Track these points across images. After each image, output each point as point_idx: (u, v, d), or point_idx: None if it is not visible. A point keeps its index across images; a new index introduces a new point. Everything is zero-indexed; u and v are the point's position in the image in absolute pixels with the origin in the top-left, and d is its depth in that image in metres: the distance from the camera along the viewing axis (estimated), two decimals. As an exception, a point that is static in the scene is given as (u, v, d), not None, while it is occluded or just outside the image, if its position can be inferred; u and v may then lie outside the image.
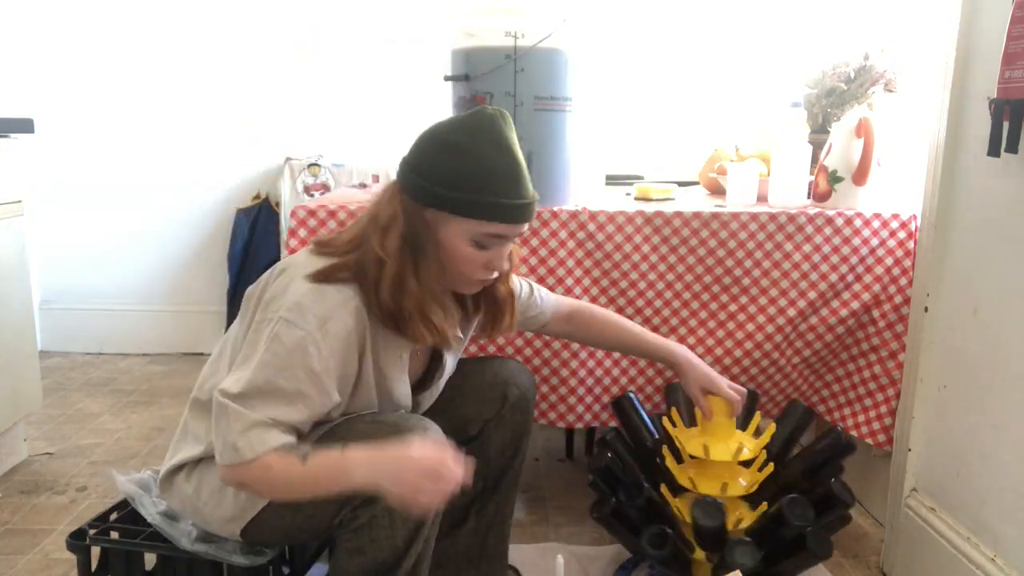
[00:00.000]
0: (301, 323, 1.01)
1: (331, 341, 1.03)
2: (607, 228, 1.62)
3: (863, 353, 1.71)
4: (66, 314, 3.13)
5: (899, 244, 1.66)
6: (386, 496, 0.99)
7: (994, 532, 1.31)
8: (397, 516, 1.01)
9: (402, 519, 1.01)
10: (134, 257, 3.12)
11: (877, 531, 1.76)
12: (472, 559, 1.39)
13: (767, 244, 1.65)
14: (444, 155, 1.07)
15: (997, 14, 1.23)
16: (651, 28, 2.82)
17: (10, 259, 1.96)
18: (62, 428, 2.34)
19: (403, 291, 1.06)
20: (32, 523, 1.77)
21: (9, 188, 1.94)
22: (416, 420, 1.11)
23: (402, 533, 1.02)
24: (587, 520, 1.48)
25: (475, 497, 1.36)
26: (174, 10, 2.94)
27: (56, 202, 3.07)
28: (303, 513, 1.06)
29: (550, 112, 1.59)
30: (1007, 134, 1.18)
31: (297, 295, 1.03)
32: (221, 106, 3.00)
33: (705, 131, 2.67)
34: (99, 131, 3.02)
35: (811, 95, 2.02)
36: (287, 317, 1.02)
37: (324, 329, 1.02)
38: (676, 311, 1.68)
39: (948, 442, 1.44)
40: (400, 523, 1.01)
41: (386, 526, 1.01)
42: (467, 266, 1.11)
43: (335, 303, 1.04)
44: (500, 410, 1.33)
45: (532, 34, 1.52)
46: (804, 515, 1.30)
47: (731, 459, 1.40)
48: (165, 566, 1.18)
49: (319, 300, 1.03)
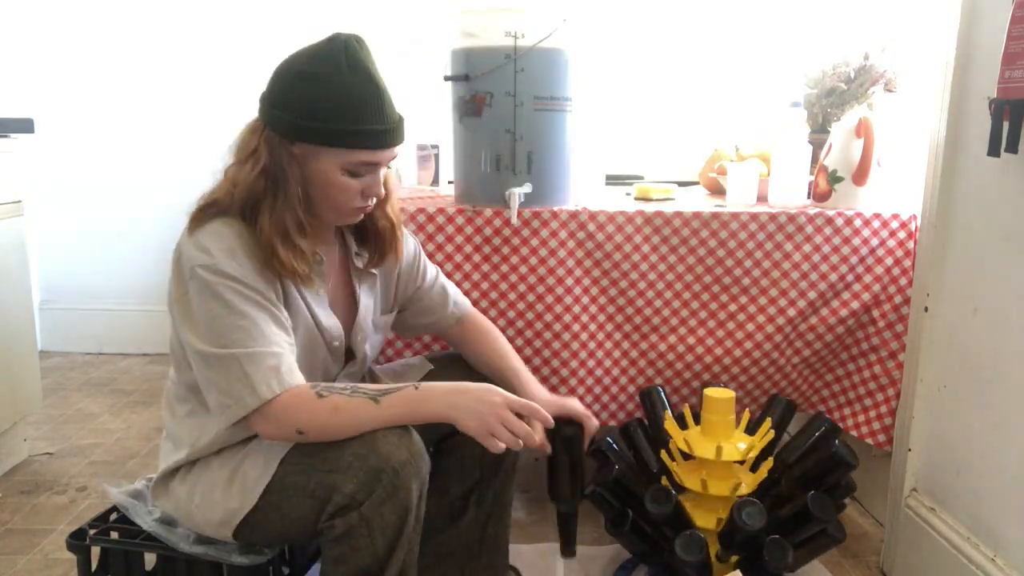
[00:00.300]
0: (211, 261, 1.03)
1: (247, 264, 1.05)
2: (607, 228, 1.62)
3: (863, 353, 1.71)
4: (66, 314, 3.13)
5: (899, 244, 1.66)
6: (460, 427, 1.04)
7: (994, 532, 1.31)
8: (375, 524, 1.00)
9: (380, 527, 1.00)
10: (135, 257, 3.11)
11: (877, 531, 1.76)
12: (473, 552, 1.38)
13: (767, 244, 1.65)
14: (304, 86, 1.06)
15: (997, 14, 1.23)
16: (651, 28, 2.82)
17: (10, 259, 1.96)
18: (62, 428, 2.34)
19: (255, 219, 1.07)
20: (32, 523, 1.77)
21: (9, 188, 1.94)
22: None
23: (381, 541, 1.01)
24: (587, 520, 1.48)
25: (474, 485, 1.35)
26: (174, 10, 2.94)
27: (56, 202, 3.07)
28: (288, 517, 1.05)
29: (550, 112, 1.59)
30: (1007, 134, 1.17)
31: (191, 248, 1.05)
32: (221, 106, 3.00)
33: (705, 131, 2.66)
34: (99, 131, 3.02)
35: (811, 95, 2.02)
36: (196, 265, 1.03)
37: (236, 258, 1.04)
38: (676, 311, 1.68)
39: (948, 442, 1.44)
40: (379, 531, 1.00)
41: (364, 535, 1.00)
42: (343, 195, 1.11)
43: (229, 233, 1.05)
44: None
45: (532, 34, 1.52)
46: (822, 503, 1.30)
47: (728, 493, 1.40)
48: (165, 566, 1.18)
49: (214, 237, 1.05)
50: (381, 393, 1.04)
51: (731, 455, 1.39)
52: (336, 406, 1.02)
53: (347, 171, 1.09)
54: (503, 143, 1.57)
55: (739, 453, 1.39)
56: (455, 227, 1.61)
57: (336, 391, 1.03)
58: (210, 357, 1.02)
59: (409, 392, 1.05)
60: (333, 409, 1.02)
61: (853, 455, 1.37)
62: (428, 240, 1.60)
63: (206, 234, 1.06)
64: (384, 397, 1.04)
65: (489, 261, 1.62)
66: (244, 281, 1.04)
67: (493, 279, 1.63)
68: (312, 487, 1.03)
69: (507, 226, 1.60)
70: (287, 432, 1.03)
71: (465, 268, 1.62)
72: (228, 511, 1.08)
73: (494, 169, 1.59)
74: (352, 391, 1.04)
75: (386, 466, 1.00)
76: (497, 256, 1.62)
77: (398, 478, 1.00)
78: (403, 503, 1.01)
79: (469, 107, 1.58)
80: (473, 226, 1.61)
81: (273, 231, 1.07)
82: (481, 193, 1.62)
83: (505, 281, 1.62)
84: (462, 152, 1.65)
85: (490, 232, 1.61)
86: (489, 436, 1.04)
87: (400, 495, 1.01)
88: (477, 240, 1.61)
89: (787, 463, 1.47)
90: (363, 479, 1.00)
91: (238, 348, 1.01)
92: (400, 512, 1.01)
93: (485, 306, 1.63)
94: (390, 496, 1.00)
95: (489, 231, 1.61)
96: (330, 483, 1.01)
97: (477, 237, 1.61)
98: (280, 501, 1.05)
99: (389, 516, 1.00)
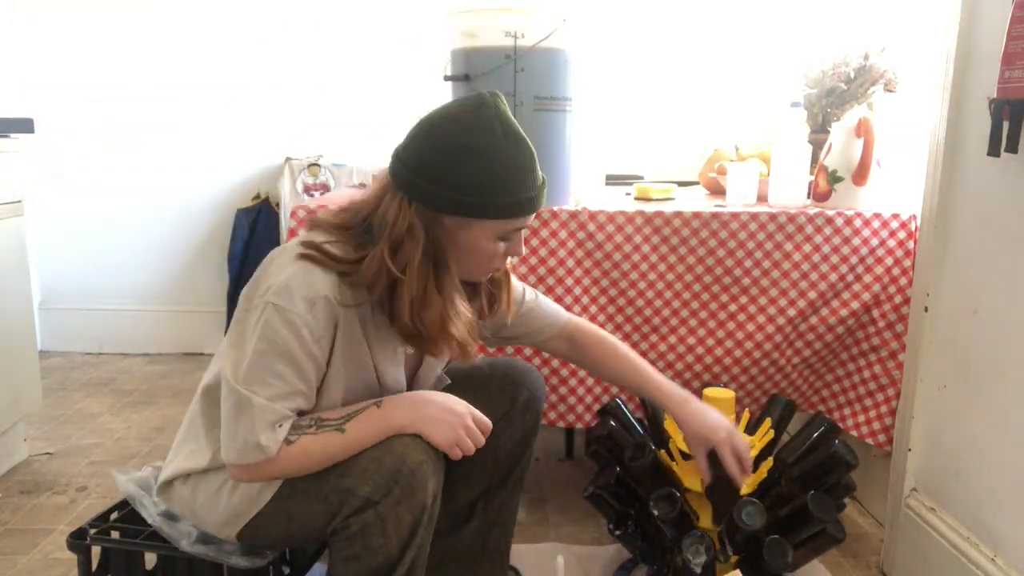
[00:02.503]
0: (289, 306, 1.00)
1: (321, 320, 1.02)
2: (607, 228, 1.62)
3: (863, 353, 1.71)
4: (66, 314, 3.13)
5: (899, 244, 1.66)
6: (425, 438, 1.04)
7: (994, 532, 1.31)
8: (390, 523, 1.00)
9: (395, 526, 1.01)
10: (134, 257, 3.12)
11: (877, 531, 1.76)
12: (474, 557, 1.39)
13: (767, 244, 1.65)
14: (459, 159, 1.02)
15: (997, 14, 1.23)
16: (651, 28, 2.83)
17: (10, 259, 1.96)
18: (62, 428, 2.34)
19: (427, 306, 1.04)
20: (32, 523, 1.77)
21: (9, 188, 1.94)
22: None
23: (395, 540, 1.01)
24: (587, 520, 1.48)
25: (482, 494, 1.35)
26: (174, 10, 2.94)
27: (56, 202, 3.07)
28: (297, 521, 1.05)
29: (550, 112, 1.59)
30: (1007, 134, 1.18)
31: (284, 276, 1.02)
32: (221, 106, 3.00)
33: (705, 131, 2.67)
34: (99, 131, 3.02)
35: (811, 95, 2.02)
36: (274, 301, 1.00)
37: (313, 311, 1.01)
38: (676, 311, 1.68)
39: (948, 442, 1.44)
40: (393, 530, 1.01)
41: (379, 533, 1.00)
42: (491, 260, 1.11)
43: (323, 284, 1.02)
44: (510, 410, 1.32)
45: (532, 34, 1.52)
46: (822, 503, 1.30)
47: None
48: (165, 566, 1.18)
49: (306, 282, 1.01)
50: (346, 419, 1.04)
51: None
52: (304, 449, 1.02)
53: (500, 238, 1.08)
54: (503, 143, 1.57)
55: None
56: (455, 227, 1.61)
57: (302, 429, 1.03)
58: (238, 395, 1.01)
59: (372, 412, 1.05)
60: (302, 452, 1.02)
61: (853, 455, 1.37)
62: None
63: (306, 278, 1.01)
64: (349, 423, 1.03)
65: (489, 261, 1.62)
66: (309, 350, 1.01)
67: (493, 279, 1.63)
68: (325, 492, 1.03)
69: (507, 226, 1.60)
70: (261, 481, 1.05)
71: (465, 268, 1.62)
72: (233, 513, 1.08)
73: (494, 169, 1.59)
74: (317, 425, 1.03)
75: (403, 466, 1.00)
76: (497, 256, 1.62)
77: (415, 478, 1.01)
78: (420, 502, 1.02)
79: (469, 107, 1.58)
80: (473, 226, 1.61)
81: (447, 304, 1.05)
82: (481, 193, 1.62)
83: (505, 281, 1.62)
84: (462, 152, 1.65)
85: (490, 232, 1.61)
86: (454, 447, 1.06)
87: (417, 495, 1.01)
88: (477, 240, 1.61)
89: (787, 463, 1.47)
90: (379, 481, 1.00)
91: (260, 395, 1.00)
92: (416, 511, 1.02)
93: (485, 306, 1.63)
94: (407, 496, 1.00)
95: (489, 231, 1.61)
96: (344, 487, 1.01)
97: (477, 237, 1.61)
98: (289, 506, 1.05)
99: (405, 515, 1.01)
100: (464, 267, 1.10)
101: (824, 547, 1.38)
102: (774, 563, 1.28)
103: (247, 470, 1.02)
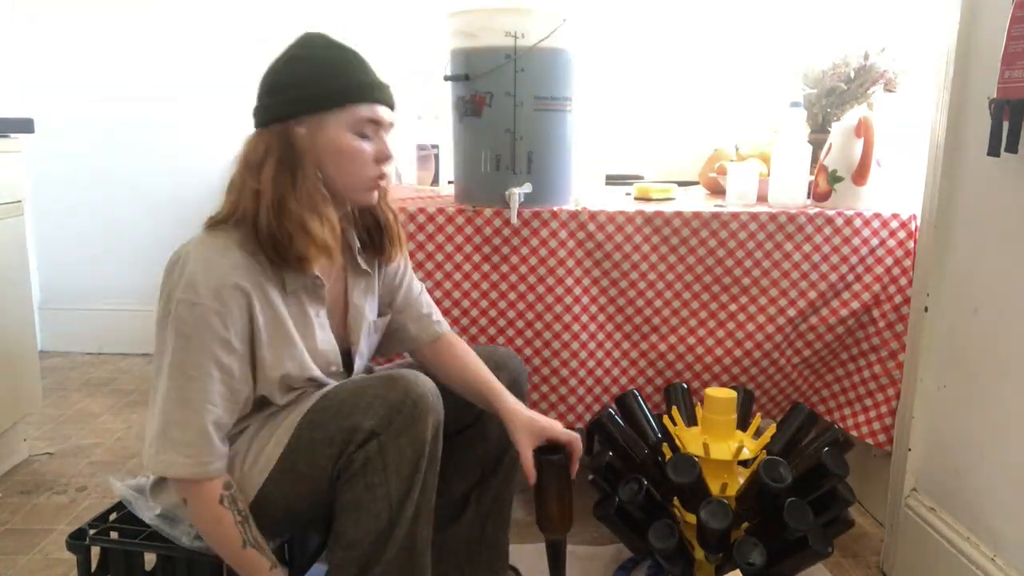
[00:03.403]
0: (196, 299, 1.02)
1: (232, 306, 1.03)
2: (607, 228, 1.62)
3: (863, 353, 1.71)
4: (66, 314, 3.13)
5: (899, 244, 1.66)
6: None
7: (994, 532, 1.31)
8: (391, 457, 1.02)
9: (396, 461, 1.02)
10: (134, 257, 3.11)
11: (877, 531, 1.76)
12: (472, 550, 1.38)
13: (767, 244, 1.65)
14: (290, 67, 1.11)
15: (997, 14, 1.23)
16: (651, 28, 2.82)
17: (10, 259, 1.96)
18: (62, 428, 2.33)
19: (284, 211, 1.06)
20: (32, 523, 1.77)
21: (9, 188, 1.94)
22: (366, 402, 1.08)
23: (396, 480, 1.03)
24: (587, 520, 1.48)
25: (475, 484, 1.36)
26: (174, 10, 2.94)
27: (56, 202, 3.07)
28: (304, 479, 1.06)
29: (550, 112, 1.59)
30: (1007, 134, 1.17)
31: (187, 273, 1.03)
32: (221, 106, 3.00)
33: (705, 131, 2.67)
34: (99, 131, 3.02)
35: (811, 95, 2.02)
36: (181, 297, 1.02)
37: (220, 298, 1.02)
38: (676, 311, 1.68)
39: (948, 442, 1.44)
40: (394, 467, 1.03)
41: (380, 469, 1.02)
42: (358, 160, 1.11)
43: (224, 269, 1.04)
44: None
45: (532, 34, 1.52)
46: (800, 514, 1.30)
47: (731, 458, 1.40)
48: (165, 566, 1.18)
49: (208, 271, 1.03)
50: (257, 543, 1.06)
51: (721, 454, 1.39)
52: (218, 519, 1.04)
53: (356, 132, 1.10)
54: (503, 143, 1.57)
55: (729, 453, 1.39)
56: (455, 227, 1.61)
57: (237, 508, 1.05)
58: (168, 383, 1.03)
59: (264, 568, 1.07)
60: (215, 520, 1.04)
61: (841, 464, 1.36)
62: (428, 240, 1.61)
63: (202, 262, 1.04)
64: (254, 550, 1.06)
65: (489, 261, 1.62)
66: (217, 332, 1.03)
67: (493, 279, 1.63)
68: (331, 434, 1.04)
69: (507, 226, 1.60)
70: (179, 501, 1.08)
71: (465, 268, 1.62)
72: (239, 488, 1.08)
73: (494, 169, 1.59)
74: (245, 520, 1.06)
75: (406, 398, 1.03)
76: (497, 256, 1.62)
77: (416, 409, 1.03)
78: (420, 437, 1.03)
79: (469, 107, 1.58)
80: (473, 226, 1.61)
81: (304, 207, 1.07)
82: (481, 193, 1.62)
83: (505, 281, 1.62)
84: (462, 152, 1.66)
85: (490, 232, 1.61)
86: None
87: (417, 427, 1.03)
88: (477, 240, 1.61)
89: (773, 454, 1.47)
90: (383, 412, 1.02)
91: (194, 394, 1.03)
92: (417, 446, 1.03)
93: (485, 306, 1.63)
94: (408, 426, 1.02)
95: (489, 231, 1.61)
96: (350, 425, 1.03)
97: (477, 237, 1.61)
98: (296, 462, 1.06)
99: (406, 448, 1.03)
100: (337, 177, 1.12)
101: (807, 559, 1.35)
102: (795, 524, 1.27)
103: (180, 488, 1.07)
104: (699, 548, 1.38)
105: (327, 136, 1.10)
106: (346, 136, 1.10)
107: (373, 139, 1.13)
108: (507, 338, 1.64)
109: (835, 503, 1.39)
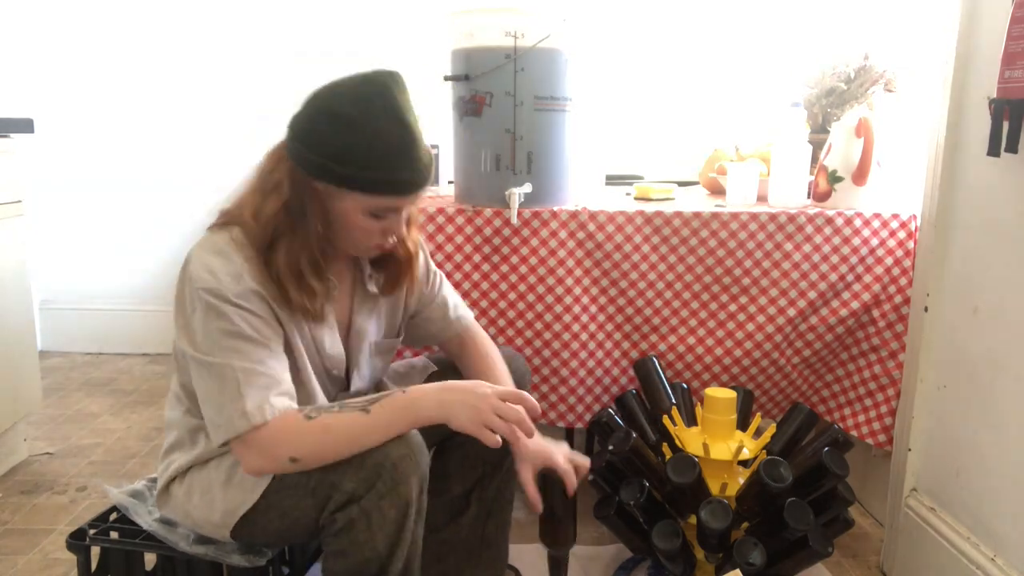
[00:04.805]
0: (216, 285, 1.02)
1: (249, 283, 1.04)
2: (607, 228, 1.62)
3: (863, 353, 1.71)
4: (66, 314, 3.13)
5: (899, 244, 1.66)
6: (454, 425, 1.04)
7: (994, 532, 1.31)
8: (374, 519, 1.00)
9: (379, 522, 1.00)
10: (134, 257, 3.11)
11: (877, 531, 1.76)
12: (472, 549, 1.38)
13: (767, 244, 1.65)
14: (334, 128, 1.03)
15: (997, 14, 1.23)
16: (651, 28, 2.82)
17: (10, 259, 1.96)
18: (62, 428, 2.34)
19: (274, 251, 1.06)
20: (32, 523, 1.77)
21: (9, 188, 1.94)
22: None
23: (381, 536, 1.01)
24: (587, 520, 1.48)
25: (475, 483, 1.35)
26: (174, 10, 2.94)
27: (56, 202, 3.07)
28: (289, 516, 1.05)
29: (550, 112, 1.59)
30: (1007, 134, 1.18)
31: (199, 268, 1.03)
32: (221, 106, 3.00)
33: (705, 131, 2.67)
34: (99, 131, 3.02)
35: (811, 95, 2.02)
36: (201, 288, 1.02)
37: (239, 279, 1.03)
38: (676, 311, 1.68)
39: (948, 442, 1.44)
40: (378, 525, 1.00)
41: (364, 529, 1.00)
42: (363, 235, 1.11)
43: (239, 257, 1.05)
44: None
45: (532, 34, 1.52)
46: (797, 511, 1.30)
47: (731, 458, 1.40)
48: (165, 566, 1.18)
49: (222, 260, 1.04)
50: (370, 402, 1.04)
51: (720, 454, 1.39)
52: (326, 426, 1.01)
53: (370, 214, 1.08)
54: (503, 143, 1.57)
55: (729, 453, 1.39)
56: (455, 227, 1.61)
57: (325, 410, 1.03)
58: (210, 367, 1.02)
59: (398, 397, 1.05)
60: (323, 429, 1.01)
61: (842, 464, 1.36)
62: (428, 240, 1.60)
63: (216, 254, 1.05)
64: (374, 406, 1.03)
65: (489, 261, 1.62)
66: (247, 308, 1.03)
67: (493, 279, 1.63)
68: (312, 485, 1.03)
69: (507, 226, 1.60)
70: (278, 462, 1.02)
71: (465, 268, 1.62)
72: (226, 511, 1.08)
73: (494, 169, 1.59)
74: (340, 406, 1.04)
75: (385, 461, 1.00)
76: (497, 256, 1.62)
77: (397, 472, 1.00)
78: (403, 497, 1.01)
79: (469, 107, 1.58)
80: (473, 226, 1.61)
81: (287, 271, 1.06)
82: (481, 193, 1.62)
83: (505, 281, 1.62)
84: (462, 152, 1.65)
85: (490, 232, 1.61)
86: (484, 429, 1.03)
87: (400, 489, 1.01)
88: (477, 240, 1.61)
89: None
90: (363, 476, 1.00)
91: (236, 361, 1.01)
92: (400, 506, 1.01)
93: (485, 306, 1.63)
94: (390, 491, 1.00)
95: (489, 231, 1.61)
96: (330, 481, 1.01)
97: (477, 237, 1.61)
98: (280, 500, 1.05)
99: (389, 510, 1.01)
100: (338, 238, 1.11)
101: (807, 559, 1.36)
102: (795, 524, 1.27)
103: (251, 448, 1.01)
104: (699, 548, 1.38)
105: (342, 207, 1.07)
106: (360, 216, 1.08)
107: (386, 218, 1.11)
108: (507, 338, 1.64)
109: (835, 503, 1.40)
